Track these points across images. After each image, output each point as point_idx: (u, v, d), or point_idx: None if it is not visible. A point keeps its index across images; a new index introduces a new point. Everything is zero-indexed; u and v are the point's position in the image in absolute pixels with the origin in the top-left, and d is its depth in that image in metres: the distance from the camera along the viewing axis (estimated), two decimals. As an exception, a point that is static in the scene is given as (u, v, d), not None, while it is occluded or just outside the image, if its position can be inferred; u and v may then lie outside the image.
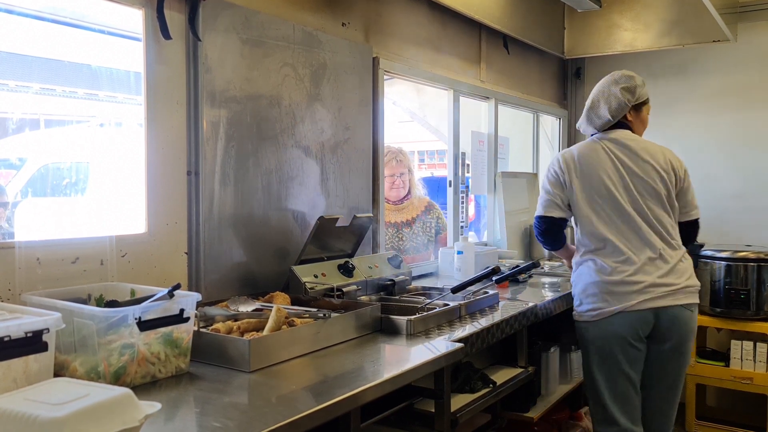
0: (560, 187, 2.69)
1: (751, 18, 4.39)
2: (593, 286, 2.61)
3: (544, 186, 2.75)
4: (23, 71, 2.26)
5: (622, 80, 2.75)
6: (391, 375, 1.75)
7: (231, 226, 2.40)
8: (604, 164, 2.64)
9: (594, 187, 2.64)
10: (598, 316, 2.59)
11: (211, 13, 2.30)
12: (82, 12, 2.15)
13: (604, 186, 2.62)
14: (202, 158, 2.28)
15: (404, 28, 3.37)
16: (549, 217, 2.71)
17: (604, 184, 2.62)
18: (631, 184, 2.62)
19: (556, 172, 2.71)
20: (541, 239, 2.82)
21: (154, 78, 2.17)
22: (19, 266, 1.84)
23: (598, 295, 2.59)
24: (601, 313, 2.58)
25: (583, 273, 2.67)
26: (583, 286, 2.65)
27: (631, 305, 2.53)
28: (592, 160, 2.67)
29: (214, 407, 1.51)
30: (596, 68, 5.01)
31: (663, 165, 2.66)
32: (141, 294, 1.83)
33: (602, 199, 2.62)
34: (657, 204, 2.63)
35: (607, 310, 2.56)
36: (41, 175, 2.41)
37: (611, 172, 2.63)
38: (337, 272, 2.61)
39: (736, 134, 4.55)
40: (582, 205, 2.65)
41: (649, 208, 2.61)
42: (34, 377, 1.43)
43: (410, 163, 3.87)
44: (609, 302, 2.56)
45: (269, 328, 1.91)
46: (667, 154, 2.71)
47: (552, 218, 2.71)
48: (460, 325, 2.35)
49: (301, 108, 2.67)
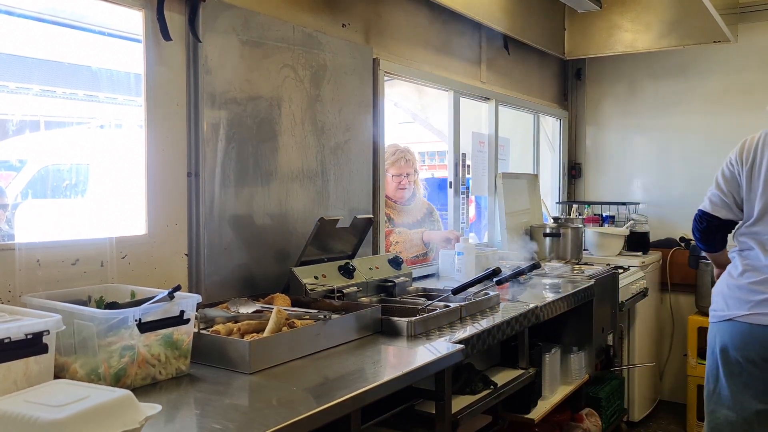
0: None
1: (752, 18, 4.38)
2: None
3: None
4: (23, 73, 2.27)
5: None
6: (392, 376, 1.75)
7: (231, 228, 2.40)
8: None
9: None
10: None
11: (211, 15, 2.30)
12: (81, 13, 2.15)
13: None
14: (203, 159, 2.28)
15: (404, 29, 3.37)
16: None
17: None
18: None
19: None
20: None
21: (154, 79, 2.17)
22: (19, 268, 1.84)
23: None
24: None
25: None
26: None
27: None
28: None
29: (214, 409, 1.51)
30: (596, 69, 5.01)
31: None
32: (141, 295, 1.83)
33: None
34: None
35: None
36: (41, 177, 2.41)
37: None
38: (338, 273, 2.61)
39: (736, 135, 4.49)
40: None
41: None
42: (34, 379, 1.43)
43: (417, 164, 3.87)
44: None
45: (269, 329, 1.91)
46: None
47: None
48: (461, 326, 2.34)
49: (301, 109, 2.67)
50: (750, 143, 2.62)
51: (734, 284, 2.58)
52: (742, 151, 2.61)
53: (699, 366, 4.05)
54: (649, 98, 4.86)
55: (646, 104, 4.87)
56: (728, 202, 2.64)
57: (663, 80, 4.80)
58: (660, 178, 4.82)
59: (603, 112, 5.10)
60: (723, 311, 2.59)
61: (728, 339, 2.56)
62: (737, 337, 2.53)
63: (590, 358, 3.28)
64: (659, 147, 4.85)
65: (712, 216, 2.69)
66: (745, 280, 2.53)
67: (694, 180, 4.68)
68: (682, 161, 4.76)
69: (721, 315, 2.60)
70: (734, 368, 2.56)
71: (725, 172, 2.68)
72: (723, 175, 2.68)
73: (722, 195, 2.65)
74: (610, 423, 3.58)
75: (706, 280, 4.04)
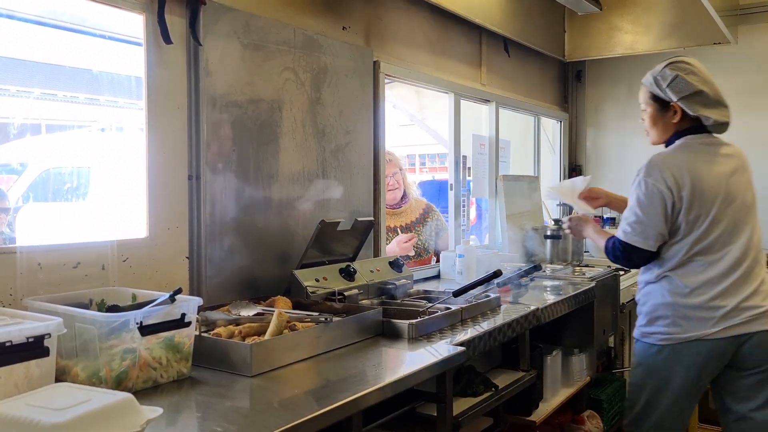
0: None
1: (752, 20, 4.39)
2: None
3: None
4: (24, 76, 2.27)
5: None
6: (393, 379, 1.75)
7: (232, 230, 2.40)
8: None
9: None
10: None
11: (212, 18, 2.30)
12: (82, 17, 2.15)
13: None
14: (203, 162, 2.28)
15: (405, 32, 3.37)
16: None
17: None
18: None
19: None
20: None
21: (155, 82, 2.17)
22: (20, 271, 1.84)
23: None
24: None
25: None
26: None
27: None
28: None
29: (215, 412, 1.50)
30: (597, 71, 5.02)
31: None
32: (142, 298, 1.83)
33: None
34: None
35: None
36: (42, 180, 2.41)
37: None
38: (339, 276, 2.61)
39: (736, 136, 4.49)
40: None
41: None
42: (35, 382, 1.43)
43: (400, 163, 3.85)
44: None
45: (271, 332, 1.91)
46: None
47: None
48: (462, 328, 2.34)
49: (301, 112, 2.67)
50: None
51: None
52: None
53: (700, 368, 4.05)
54: (650, 100, 4.85)
55: (646, 106, 4.86)
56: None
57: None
58: (660, 180, 4.81)
59: (603, 114, 5.09)
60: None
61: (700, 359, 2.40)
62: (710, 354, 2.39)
63: (591, 360, 3.28)
64: (659, 148, 4.84)
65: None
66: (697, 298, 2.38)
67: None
68: (683, 163, 4.75)
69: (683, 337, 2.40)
70: (699, 389, 2.47)
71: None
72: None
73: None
74: (612, 425, 3.57)
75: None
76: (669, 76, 2.41)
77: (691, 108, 2.39)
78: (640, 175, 2.41)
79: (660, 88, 2.44)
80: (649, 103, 2.52)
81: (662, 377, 2.45)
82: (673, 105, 2.42)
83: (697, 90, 2.38)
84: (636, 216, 2.38)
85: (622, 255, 2.45)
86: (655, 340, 2.45)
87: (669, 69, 2.43)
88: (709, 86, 2.41)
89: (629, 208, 2.42)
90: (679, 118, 2.44)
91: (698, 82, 2.39)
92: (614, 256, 2.49)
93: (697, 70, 2.42)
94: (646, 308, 2.50)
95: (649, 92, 2.50)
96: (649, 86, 2.49)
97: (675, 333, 2.38)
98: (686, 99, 2.38)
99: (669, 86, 2.40)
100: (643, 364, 2.52)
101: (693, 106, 2.39)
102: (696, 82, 2.39)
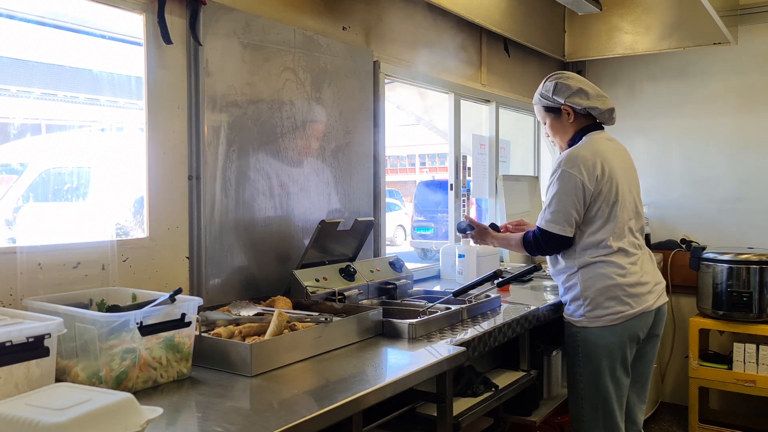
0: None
1: (752, 20, 4.39)
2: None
3: None
4: (24, 76, 2.27)
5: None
6: (393, 379, 1.75)
7: (232, 231, 2.40)
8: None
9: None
10: (619, 319, 2.54)
11: (212, 18, 2.30)
12: (83, 17, 2.15)
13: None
14: (204, 162, 2.29)
15: (405, 32, 3.37)
16: None
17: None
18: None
19: None
20: None
21: (155, 82, 2.18)
22: (20, 271, 1.84)
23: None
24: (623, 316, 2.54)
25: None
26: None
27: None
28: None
29: (215, 412, 1.50)
30: (597, 71, 5.01)
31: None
32: (142, 299, 1.83)
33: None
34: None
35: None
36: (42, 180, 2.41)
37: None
38: (339, 276, 2.61)
39: (736, 136, 4.55)
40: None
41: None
42: (35, 382, 1.43)
43: None
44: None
45: (271, 332, 1.91)
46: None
47: None
48: (462, 328, 2.34)
49: (302, 112, 2.67)
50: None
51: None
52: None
53: (700, 368, 4.05)
54: (650, 100, 4.86)
55: (646, 106, 4.87)
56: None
57: (663, 82, 4.80)
58: (660, 180, 4.82)
59: (603, 114, 5.08)
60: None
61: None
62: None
63: (591, 360, 3.27)
64: (659, 149, 4.85)
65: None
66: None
67: (694, 182, 4.69)
68: (683, 163, 4.76)
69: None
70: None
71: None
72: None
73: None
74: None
75: (708, 282, 4.04)
76: (551, 86, 2.65)
77: (578, 104, 2.62)
78: (561, 167, 2.56)
79: (548, 99, 2.67)
80: (544, 116, 2.74)
81: (618, 355, 2.57)
82: (564, 107, 2.65)
83: (577, 88, 2.62)
84: (557, 205, 2.55)
85: (545, 243, 2.60)
86: (606, 322, 2.56)
87: (549, 81, 2.67)
88: (586, 85, 2.66)
89: (550, 198, 2.58)
90: (573, 118, 2.67)
91: (576, 82, 2.64)
92: (536, 245, 2.63)
93: (571, 75, 2.69)
94: (590, 293, 2.57)
95: (542, 107, 2.73)
96: (540, 102, 2.73)
97: (625, 310, 2.54)
98: (571, 98, 2.62)
99: (554, 93, 2.64)
100: (600, 347, 2.56)
101: (579, 102, 2.62)
102: (574, 83, 2.64)
